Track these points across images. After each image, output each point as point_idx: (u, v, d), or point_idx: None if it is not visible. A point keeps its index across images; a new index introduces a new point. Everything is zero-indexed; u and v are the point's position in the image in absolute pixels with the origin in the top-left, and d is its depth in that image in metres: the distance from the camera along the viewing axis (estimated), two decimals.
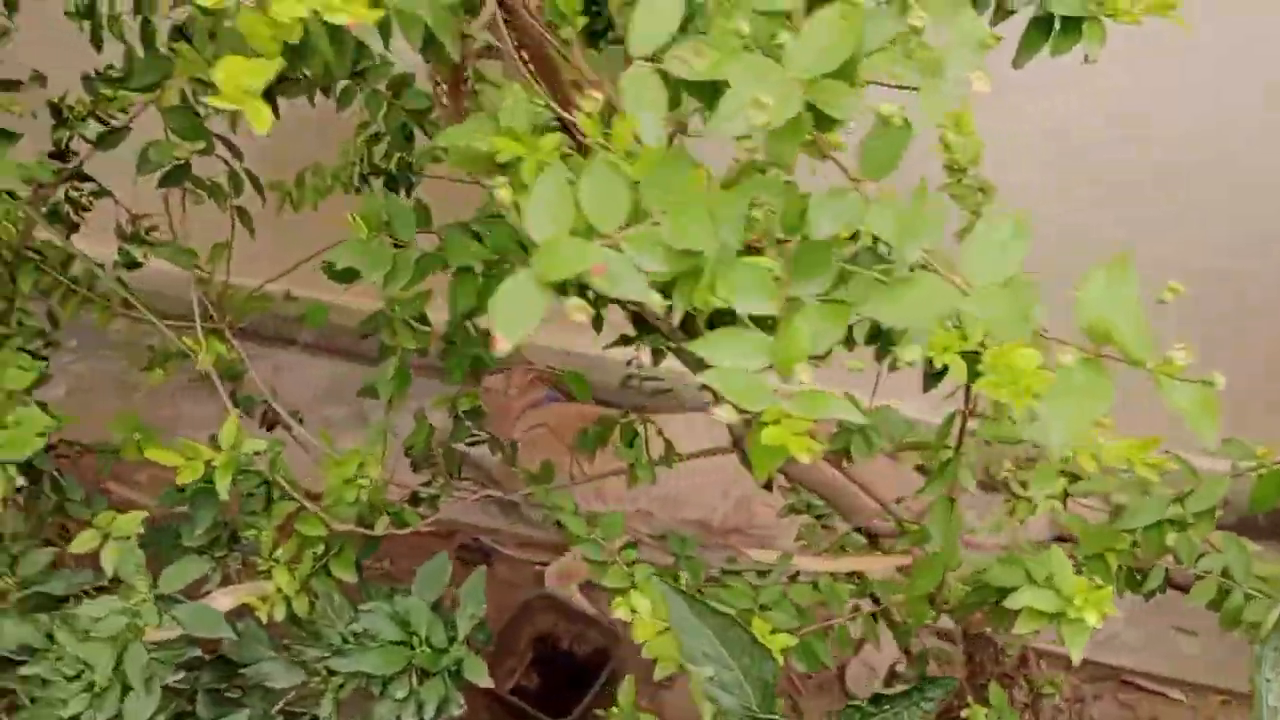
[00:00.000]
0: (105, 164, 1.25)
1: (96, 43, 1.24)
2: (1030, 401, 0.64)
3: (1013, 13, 0.71)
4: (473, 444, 1.49)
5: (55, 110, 1.27)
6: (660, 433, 1.35)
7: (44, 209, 1.24)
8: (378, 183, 1.43)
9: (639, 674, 2.08)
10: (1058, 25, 0.71)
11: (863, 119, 0.51)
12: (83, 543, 1.23)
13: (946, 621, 1.37)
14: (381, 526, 1.24)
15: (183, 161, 1.09)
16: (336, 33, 1.07)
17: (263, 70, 0.54)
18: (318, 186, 1.47)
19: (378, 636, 1.19)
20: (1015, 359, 0.64)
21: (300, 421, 1.50)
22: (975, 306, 0.48)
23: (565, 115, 0.85)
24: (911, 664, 1.66)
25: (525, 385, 2.15)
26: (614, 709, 1.36)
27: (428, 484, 1.35)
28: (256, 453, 1.14)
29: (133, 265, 1.36)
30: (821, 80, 0.45)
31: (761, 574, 1.40)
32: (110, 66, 1.21)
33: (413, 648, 1.19)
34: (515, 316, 0.50)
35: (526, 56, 0.97)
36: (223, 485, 1.11)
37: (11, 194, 1.11)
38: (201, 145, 1.07)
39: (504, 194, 0.58)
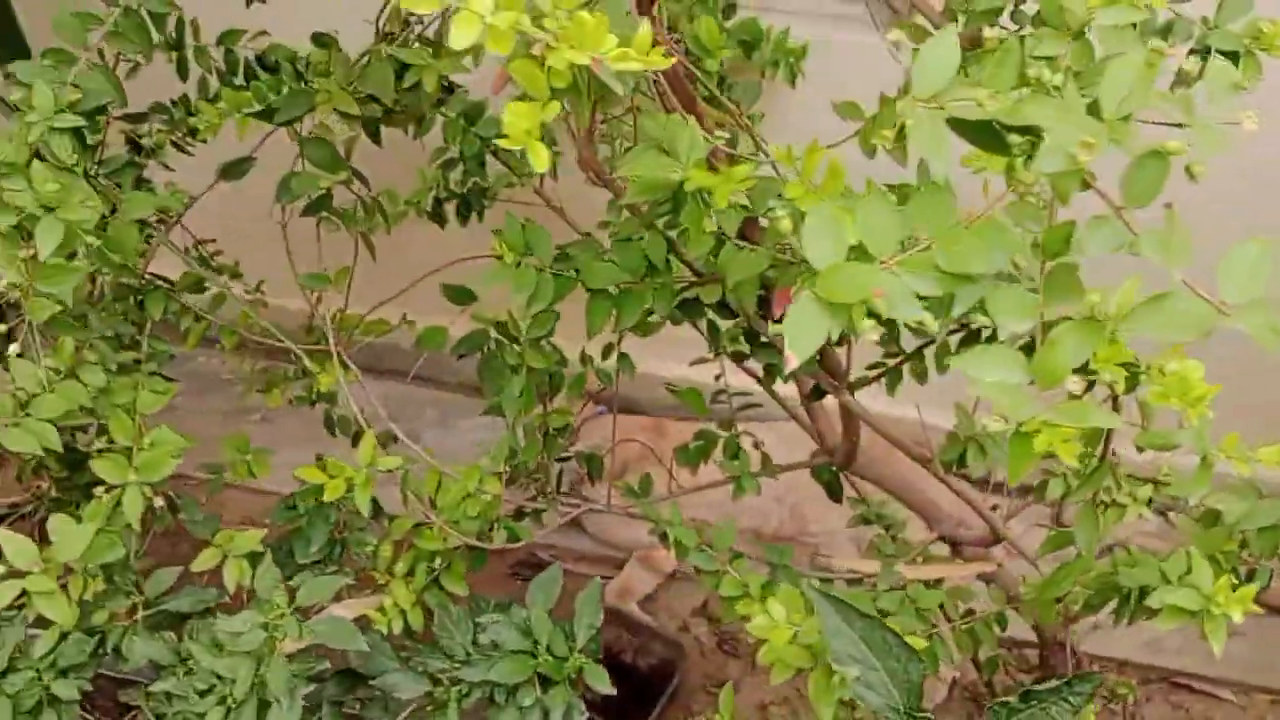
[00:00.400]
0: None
1: (183, 73, 1.27)
2: (1200, 409, 0.69)
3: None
4: (563, 460, 1.53)
5: (132, 142, 1.29)
6: (758, 445, 1.39)
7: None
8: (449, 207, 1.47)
9: (703, 684, 2.13)
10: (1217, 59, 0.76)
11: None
12: (205, 560, 1.26)
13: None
14: (499, 540, 1.28)
15: (325, 191, 1.12)
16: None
17: (540, 114, 0.58)
18: (393, 212, 1.49)
19: (503, 646, 1.23)
20: (1186, 371, 0.69)
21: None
22: (1236, 322, 0.53)
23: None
24: (980, 671, 1.71)
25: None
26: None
27: (533, 498, 1.38)
28: (388, 470, 1.18)
29: (198, 288, 1.38)
30: (1118, 121, 0.50)
31: (851, 583, 1.45)
32: (184, 97, 1.24)
33: (535, 656, 1.23)
34: (805, 336, 0.54)
35: (665, 87, 1.02)
36: (363, 501, 1.14)
37: (144, 223, 1.14)
38: (344, 176, 1.11)
39: (785, 224, 0.62)
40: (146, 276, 1.23)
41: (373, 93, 1.08)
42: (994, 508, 1.34)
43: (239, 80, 1.22)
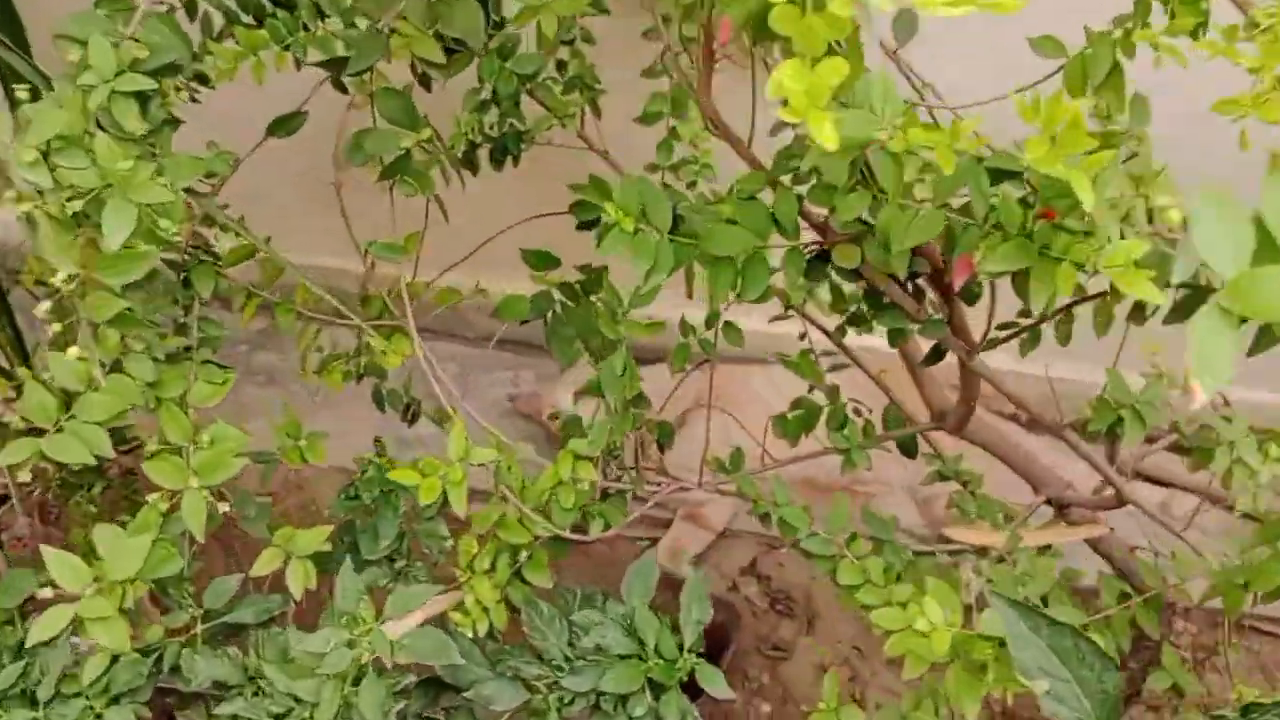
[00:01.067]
0: None
1: (191, 12, 1.11)
2: None
3: None
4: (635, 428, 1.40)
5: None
6: (860, 413, 1.27)
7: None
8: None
9: (756, 645, 2.03)
10: None
11: None
12: (265, 563, 1.14)
13: None
14: (597, 529, 1.16)
15: (405, 151, 0.97)
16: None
17: (835, 72, 0.45)
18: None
19: (608, 650, 1.12)
20: None
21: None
22: None
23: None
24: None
25: None
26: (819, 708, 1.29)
27: (618, 478, 1.26)
28: (482, 464, 1.05)
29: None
30: None
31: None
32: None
33: (645, 660, 1.12)
34: (1216, 359, 0.42)
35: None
36: (458, 498, 1.01)
37: (191, 190, 0.99)
38: (426, 134, 0.96)
39: (1174, 215, 0.49)
40: (190, 250, 1.08)
41: (458, 36, 0.93)
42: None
43: (248, 19, 1.05)
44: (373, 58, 0.93)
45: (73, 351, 0.86)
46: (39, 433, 0.97)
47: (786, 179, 0.96)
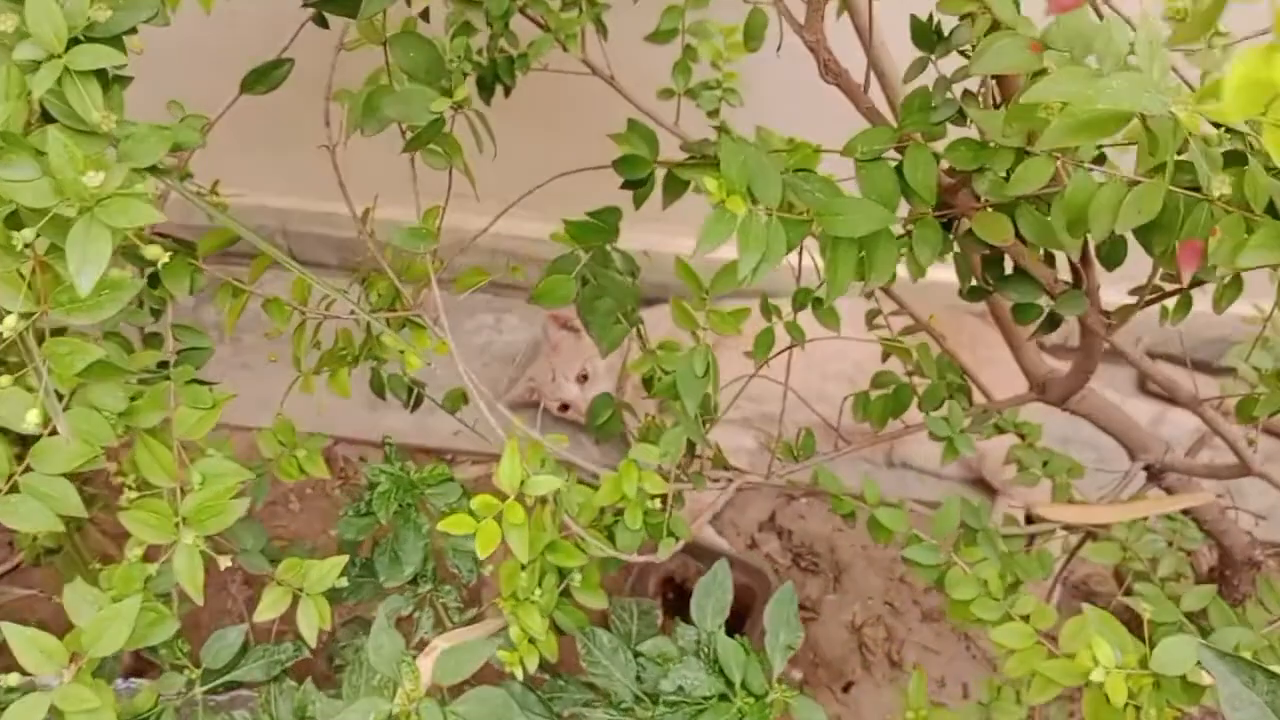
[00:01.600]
0: None
1: None
2: None
3: None
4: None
5: None
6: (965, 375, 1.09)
7: None
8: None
9: None
10: None
11: None
12: (271, 606, 0.95)
13: None
14: (666, 550, 0.98)
15: (438, 117, 0.76)
16: None
17: None
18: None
19: (690, 692, 0.95)
20: None
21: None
22: None
23: None
24: None
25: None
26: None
27: (676, 477, 1.08)
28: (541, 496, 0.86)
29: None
30: None
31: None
32: None
33: (732, 700, 0.95)
34: None
35: None
36: (520, 542, 0.82)
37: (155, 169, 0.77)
38: (462, 93, 0.75)
39: None
40: (155, 239, 0.86)
41: None
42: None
43: None
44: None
45: (32, 416, 0.65)
46: None
47: (918, 134, 0.77)
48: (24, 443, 0.78)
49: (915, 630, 1.85)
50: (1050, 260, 0.90)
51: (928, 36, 0.79)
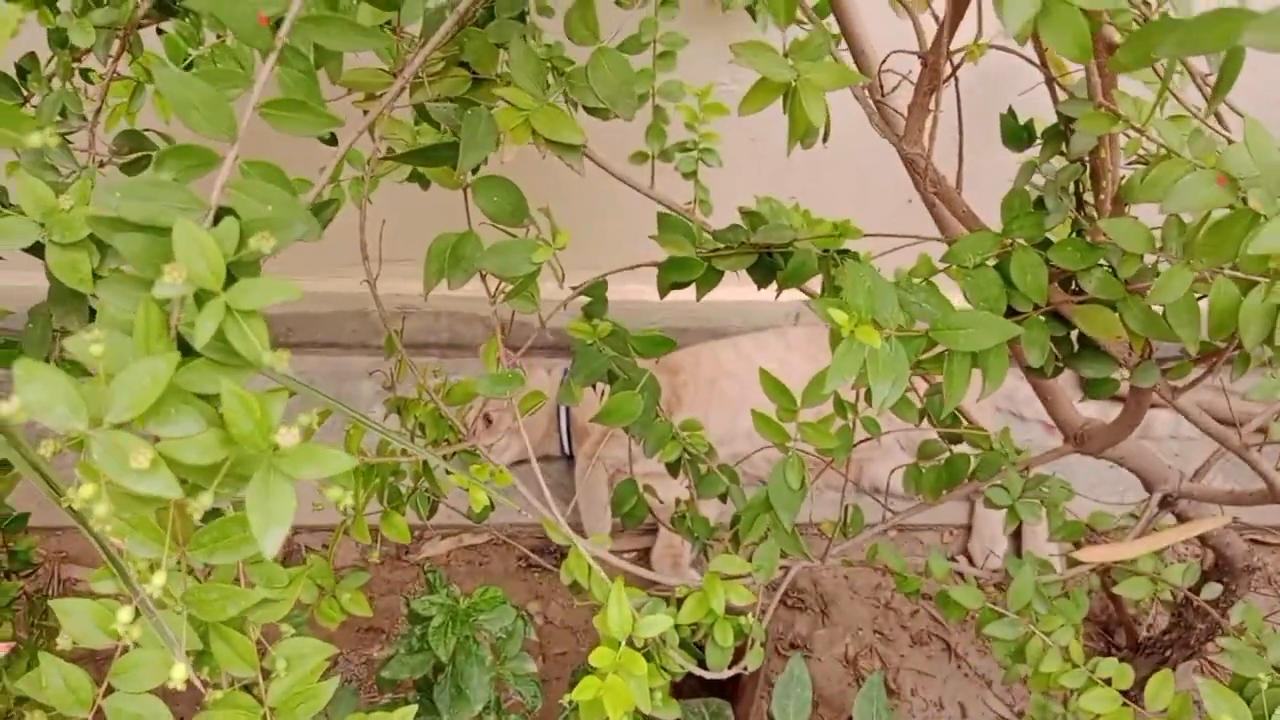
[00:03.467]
0: None
1: None
2: None
3: None
4: None
5: (21, 73, 0.86)
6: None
7: None
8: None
9: (774, 646, 1.88)
10: None
11: None
12: None
13: None
14: (756, 660, 0.95)
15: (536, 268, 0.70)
16: None
17: None
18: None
19: None
20: None
21: None
22: None
23: None
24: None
25: None
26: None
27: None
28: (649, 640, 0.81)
29: None
30: None
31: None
32: None
33: None
34: None
35: None
36: (642, 694, 0.78)
37: None
38: (563, 240, 0.69)
39: None
40: None
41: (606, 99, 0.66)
42: None
43: None
44: (487, 146, 0.66)
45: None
46: None
47: (1023, 238, 0.75)
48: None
49: (908, 656, 1.86)
50: None
51: (1019, 135, 0.77)
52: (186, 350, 0.50)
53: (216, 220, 0.49)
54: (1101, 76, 0.64)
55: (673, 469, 1.18)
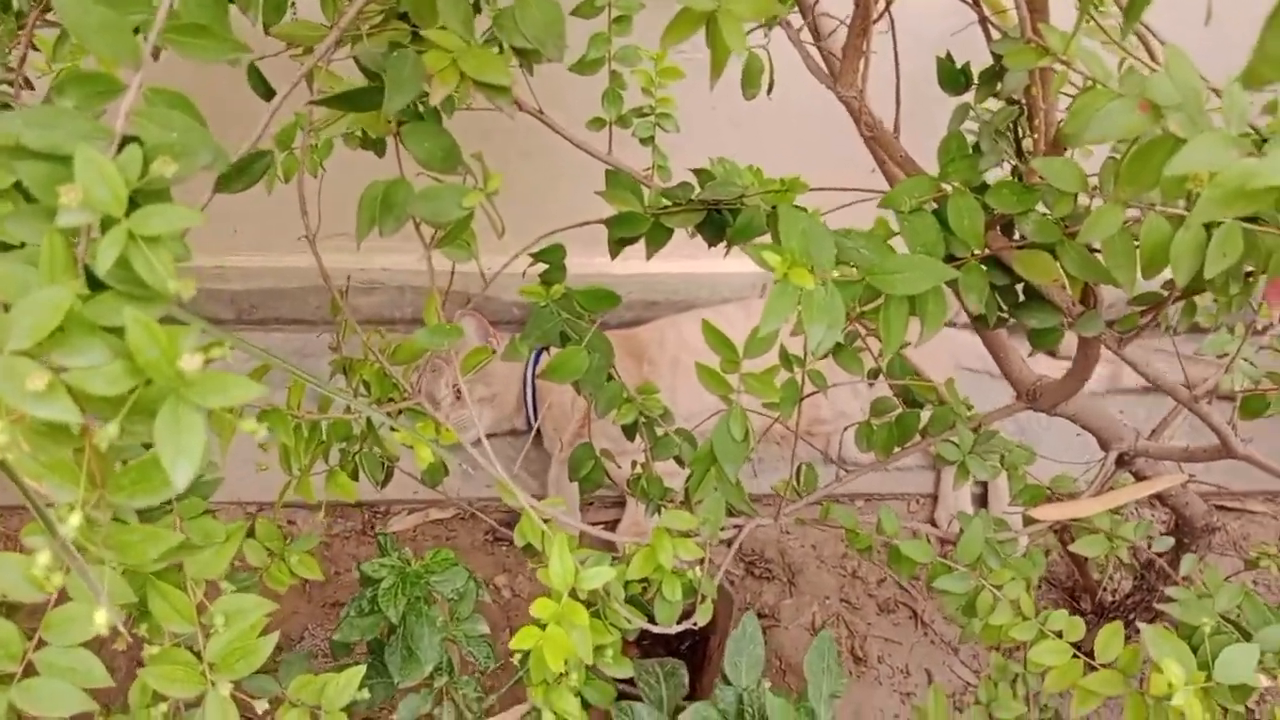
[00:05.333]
0: None
1: None
2: None
3: None
4: None
5: None
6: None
7: None
8: None
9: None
10: None
11: None
12: None
13: None
14: (705, 614, 0.95)
15: (468, 212, 0.69)
16: None
17: None
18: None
19: None
20: None
21: None
22: None
23: None
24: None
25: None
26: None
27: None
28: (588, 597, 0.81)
29: None
30: None
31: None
32: None
33: None
34: None
35: None
36: (585, 644, 0.78)
37: None
38: (495, 184, 0.68)
39: None
40: None
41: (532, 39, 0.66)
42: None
43: None
44: (412, 89, 0.65)
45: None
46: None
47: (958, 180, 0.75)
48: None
49: (874, 624, 1.86)
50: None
51: (956, 79, 0.77)
52: (100, 286, 0.49)
53: (121, 148, 0.48)
54: (1031, 11, 0.64)
55: (629, 431, 1.17)
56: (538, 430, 2.00)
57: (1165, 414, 1.31)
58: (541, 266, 1.02)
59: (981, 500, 1.96)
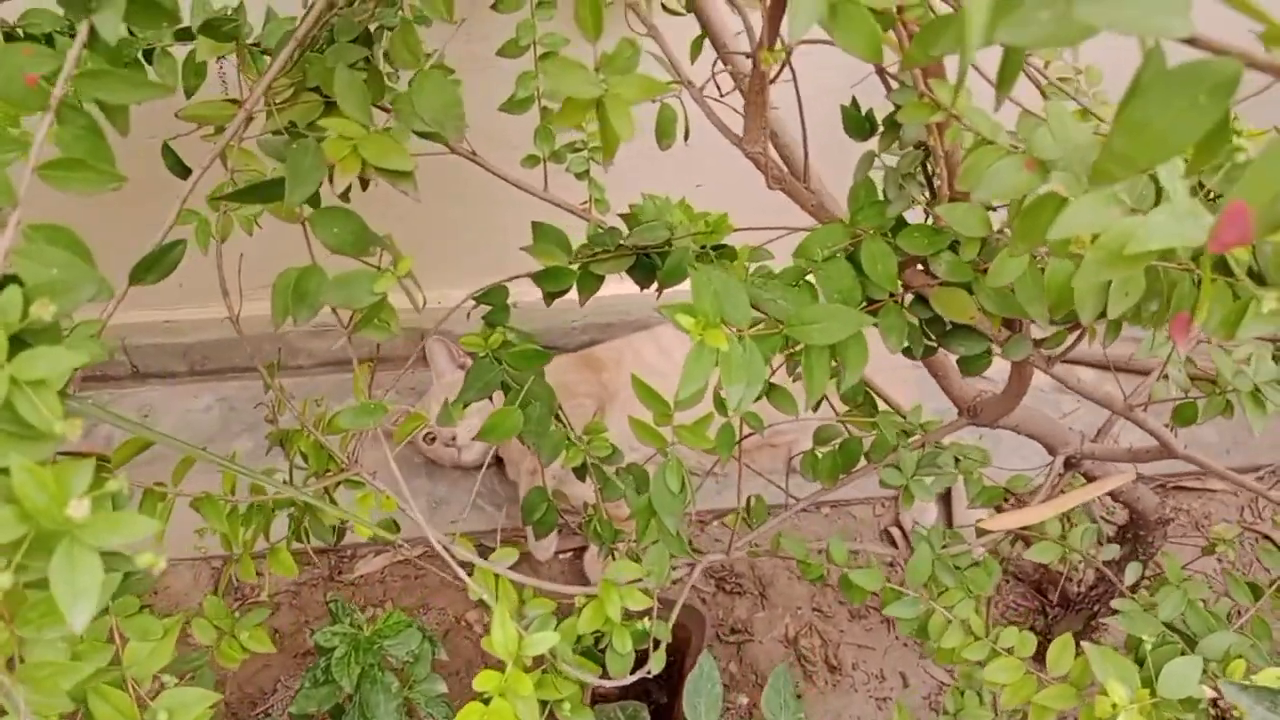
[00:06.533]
0: None
1: None
2: None
3: None
4: None
5: None
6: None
7: None
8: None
9: (716, 633, 1.88)
10: None
11: None
12: None
13: None
14: (659, 663, 0.95)
15: (380, 297, 0.69)
16: None
17: None
18: None
19: None
20: None
21: None
22: None
23: None
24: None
25: None
26: None
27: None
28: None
29: None
30: None
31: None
32: None
33: None
34: None
35: None
36: (530, 713, 0.78)
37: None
38: (405, 267, 0.68)
39: None
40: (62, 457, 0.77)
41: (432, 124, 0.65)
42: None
43: None
44: (314, 180, 0.65)
45: None
46: None
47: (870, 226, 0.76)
48: None
49: (847, 631, 1.87)
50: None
51: (861, 126, 0.77)
52: None
53: (2, 288, 0.48)
54: (923, 69, 0.64)
55: (579, 473, 1.18)
56: (499, 459, 2.00)
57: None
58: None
59: (945, 498, 1.97)
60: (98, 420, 0.72)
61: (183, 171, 0.92)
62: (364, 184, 0.76)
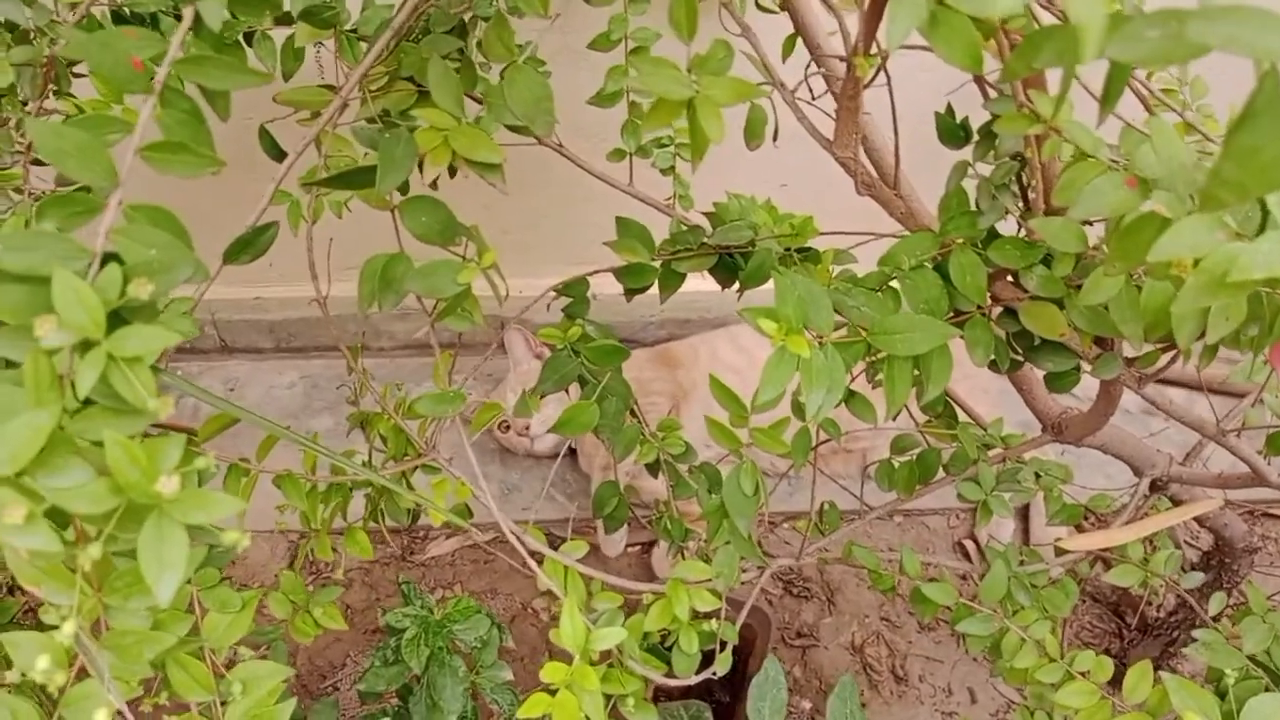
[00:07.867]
0: None
1: None
2: None
3: None
4: None
5: None
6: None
7: None
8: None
9: (781, 636, 1.87)
10: None
11: None
12: None
13: None
14: (724, 664, 0.94)
15: (464, 287, 0.70)
16: None
17: None
18: None
19: None
20: None
21: None
22: None
23: None
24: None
25: None
26: None
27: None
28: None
29: None
30: None
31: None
32: None
33: None
34: None
35: None
36: (595, 708, 0.78)
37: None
38: (490, 259, 0.69)
39: None
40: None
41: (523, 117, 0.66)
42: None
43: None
44: (405, 168, 0.66)
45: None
46: None
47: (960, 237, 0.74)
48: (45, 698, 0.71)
49: (915, 642, 1.85)
50: None
51: (955, 134, 0.76)
52: (87, 399, 0.50)
53: (103, 266, 0.49)
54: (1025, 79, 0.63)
55: (652, 470, 1.18)
56: (572, 449, 2.01)
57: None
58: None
59: (1023, 514, 1.93)
60: (186, 394, 0.73)
61: (278, 154, 0.94)
62: (452, 172, 0.77)
